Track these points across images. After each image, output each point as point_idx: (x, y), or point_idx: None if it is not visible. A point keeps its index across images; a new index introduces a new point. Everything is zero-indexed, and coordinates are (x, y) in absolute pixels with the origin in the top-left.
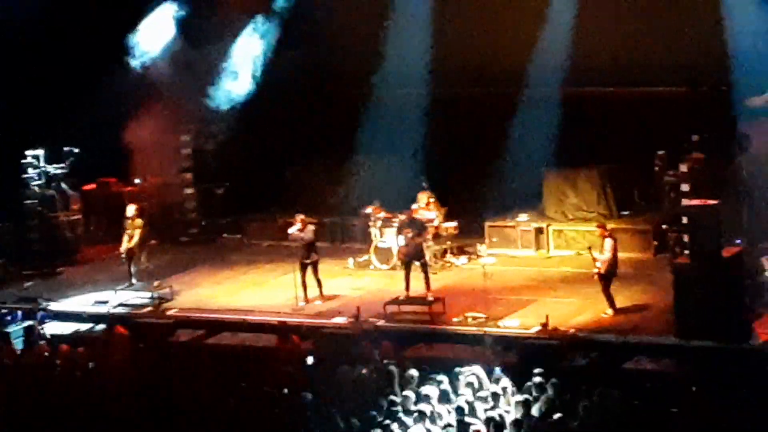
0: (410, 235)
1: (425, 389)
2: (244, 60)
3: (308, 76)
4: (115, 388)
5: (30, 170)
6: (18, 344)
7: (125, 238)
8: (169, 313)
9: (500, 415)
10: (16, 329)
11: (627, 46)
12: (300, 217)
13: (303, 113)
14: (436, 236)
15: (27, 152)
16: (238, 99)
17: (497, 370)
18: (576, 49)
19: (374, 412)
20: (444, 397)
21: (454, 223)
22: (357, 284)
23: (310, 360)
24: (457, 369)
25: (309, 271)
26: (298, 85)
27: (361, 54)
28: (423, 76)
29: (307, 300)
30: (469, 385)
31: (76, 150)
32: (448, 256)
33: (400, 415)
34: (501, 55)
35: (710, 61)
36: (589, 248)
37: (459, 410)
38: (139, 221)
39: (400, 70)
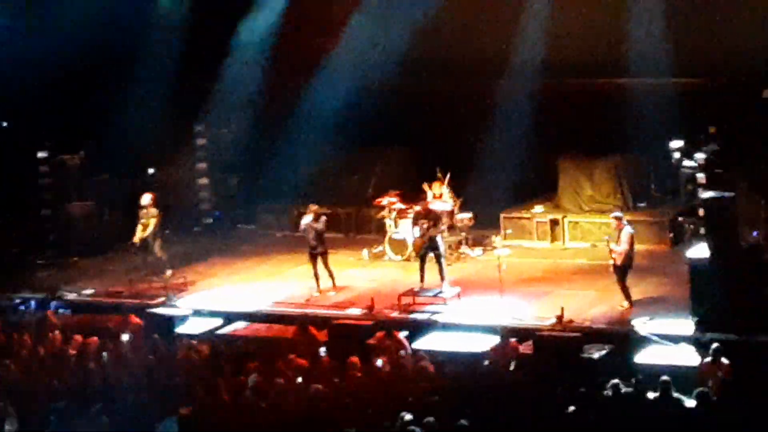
0: (425, 226)
1: None
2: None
3: (325, 65)
4: (129, 377)
5: (43, 159)
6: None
7: (139, 227)
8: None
9: None
10: None
11: (645, 37)
12: (313, 207)
13: (318, 103)
14: (451, 227)
15: (44, 142)
16: None
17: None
18: (594, 38)
19: None
20: None
21: (469, 215)
22: (371, 275)
23: (322, 351)
24: None
25: (319, 262)
26: (314, 74)
27: (376, 44)
28: (438, 67)
29: (320, 291)
30: None
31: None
32: (463, 248)
33: None
34: (516, 45)
35: (729, 52)
36: (608, 239)
37: None
38: (154, 210)
39: (415, 60)
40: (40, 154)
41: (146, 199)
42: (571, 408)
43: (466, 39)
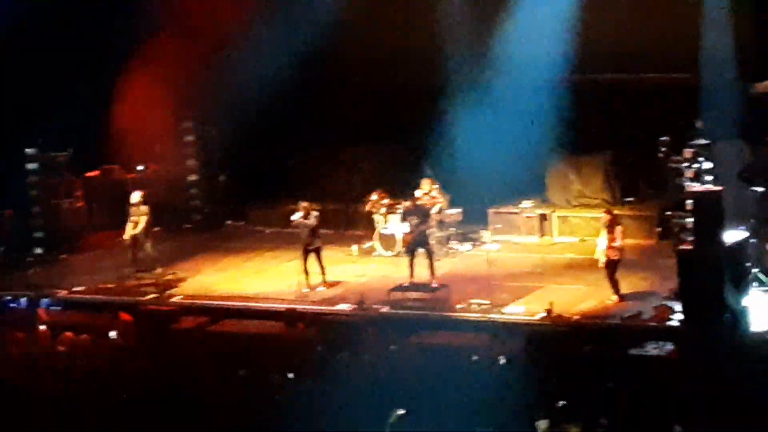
0: (414, 222)
1: None
2: None
3: (313, 63)
4: (118, 374)
5: (31, 156)
6: None
7: (129, 225)
8: (173, 299)
9: None
10: None
11: (631, 33)
12: (303, 204)
13: (307, 100)
14: (440, 223)
15: (32, 139)
16: None
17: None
18: (581, 35)
19: None
20: None
21: (458, 210)
22: (361, 271)
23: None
24: None
25: (312, 257)
26: (303, 71)
27: (364, 41)
28: (426, 64)
29: (310, 286)
30: None
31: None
32: (452, 243)
33: None
34: (507, 42)
35: (714, 47)
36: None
37: None
38: (144, 208)
39: (404, 57)
40: (29, 151)
41: (136, 196)
42: (562, 402)
43: (453, 36)
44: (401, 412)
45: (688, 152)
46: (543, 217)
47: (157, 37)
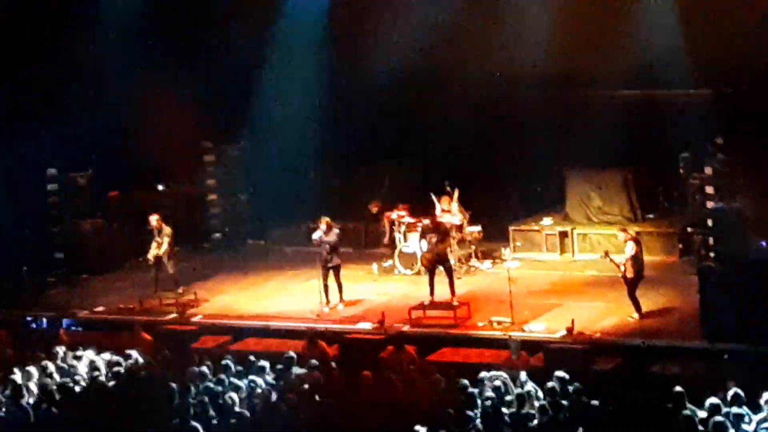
0: (434, 240)
1: None
2: None
3: (331, 80)
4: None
5: (52, 177)
6: None
7: (153, 245)
8: (193, 319)
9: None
10: None
11: (651, 49)
12: (325, 219)
13: (327, 117)
14: (461, 241)
15: (52, 159)
16: None
17: (523, 374)
18: (599, 51)
19: None
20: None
21: (478, 228)
22: (381, 289)
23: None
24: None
25: (331, 275)
26: (321, 88)
27: (382, 57)
28: (445, 80)
29: (329, 304)
30: (495, 389)
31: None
32: (473, 261)
33: None
34: (524, 58)
35: (733, 63)
36: (606, 253)
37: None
38: (167, 229)
39: (422, 73)
40: (50, 172)
41: (153, 220)
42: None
43: (474, 51)
44: (422, 430)
45: (708, 168)
46: (563, 235)
47: (178, 57)
